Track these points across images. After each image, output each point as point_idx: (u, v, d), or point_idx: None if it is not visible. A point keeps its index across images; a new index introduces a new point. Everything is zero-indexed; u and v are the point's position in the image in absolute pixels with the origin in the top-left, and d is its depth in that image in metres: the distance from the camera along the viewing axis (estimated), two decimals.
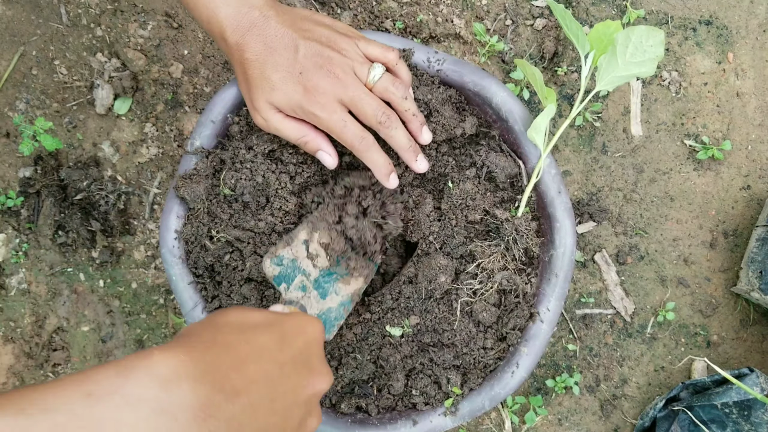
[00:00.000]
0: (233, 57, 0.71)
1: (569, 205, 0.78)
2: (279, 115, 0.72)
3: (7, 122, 1.04)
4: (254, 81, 0.70)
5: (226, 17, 0.68)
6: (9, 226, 1.04)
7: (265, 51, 0.69)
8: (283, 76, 0.69)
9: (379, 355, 0.80)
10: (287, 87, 0.69)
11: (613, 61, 0.73)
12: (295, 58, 0.69)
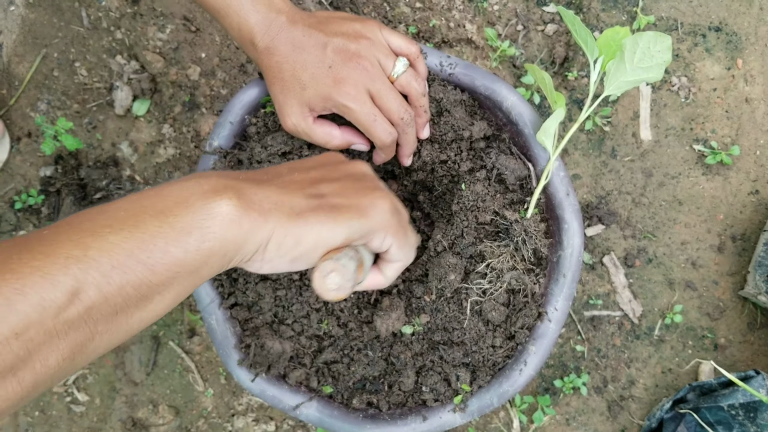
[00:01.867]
0: (263, 62, 0.72)
1: (577, 207, 0.80)
2: (308, 119, 0.74)
3: (29, 122, 1.07)
4: (285, 83, 0.72)
5: (256, 23, 0.71)
6: (30, 223, 1.07)
7: (293, 52, 0.71)
8: (312, 73, 0.71)
9: (390, 352, 0.82)
10: (317, 83, 0.71)
11: (621, 66, 0.75)
12: (324, 53, 0.71)
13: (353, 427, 0.79)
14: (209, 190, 0.47)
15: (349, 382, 0.82)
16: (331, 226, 0.53)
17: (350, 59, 0.71)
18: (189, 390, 1.07)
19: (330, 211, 0.54)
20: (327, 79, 0.71)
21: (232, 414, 1.06)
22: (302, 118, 0.73)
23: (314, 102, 0.72)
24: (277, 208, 0.51)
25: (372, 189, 0.61)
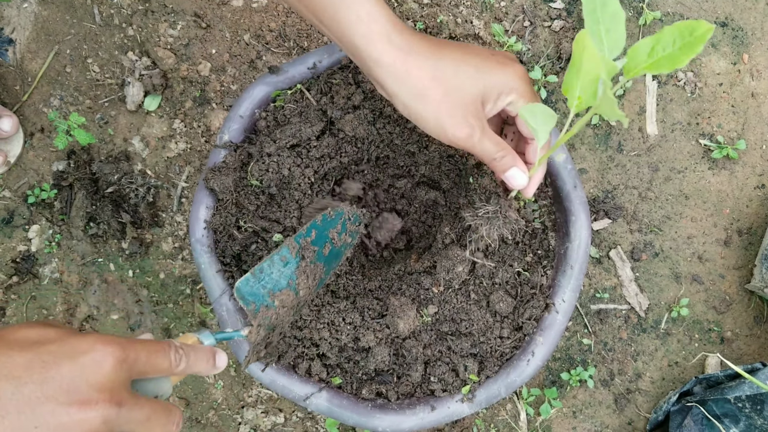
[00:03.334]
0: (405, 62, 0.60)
1: (584, 199, 0.81)
2: (482, 124, 0.63)
3: (42, 118, 1.08)
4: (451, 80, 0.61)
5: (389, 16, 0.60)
6: (43, 217, 1.08)
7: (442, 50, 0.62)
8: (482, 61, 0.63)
9: (402, 345, 0.83)
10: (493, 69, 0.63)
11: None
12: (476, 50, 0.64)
13: (362, 416, 0.80)
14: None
15: (358, 374, 0.83)
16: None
17: (502, 53, 0.65)
18: (199, 382, 1.08)
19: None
20: (498, 64, 0.63)
21: (242, 406, 1.08)
22: (478, 120, 0.62)
23: (489, 92, 0.62)
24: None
25: None
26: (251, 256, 0.82)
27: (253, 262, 0.82)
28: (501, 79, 0.62)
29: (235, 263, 0.84)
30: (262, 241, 0.82)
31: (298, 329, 0.82)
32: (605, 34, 0.56)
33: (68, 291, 1.09)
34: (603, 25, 0.56)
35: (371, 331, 0.82)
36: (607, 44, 0.56)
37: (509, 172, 0.67)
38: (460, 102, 0.61)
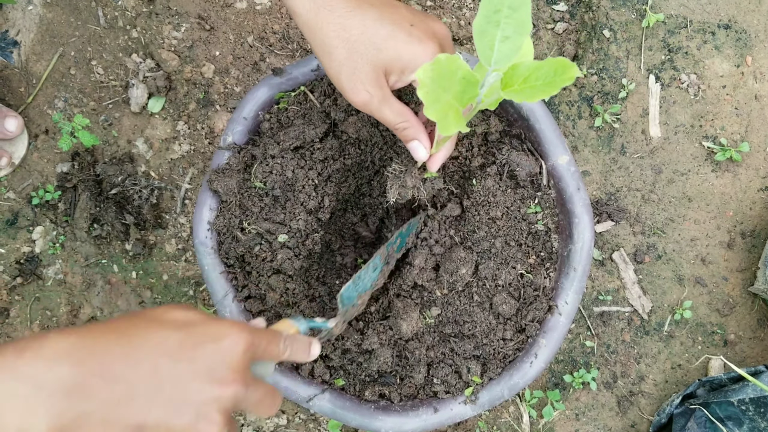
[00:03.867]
0: (317, 16, 0.60)
1: (588, 201, 0.81)
2: (385, 89, 0.62)
3: (47, 119, 1.09)
4: (353, 44, 0.59)
5: None
6: (47, 219, 1.09)
7: (361, 6, 0.60)
8: (390, 31, 0.59)
9: (405, 347, 0.83)
10: (397, 41, 0.60)
11: None
12: (401, 13, 0.61)
13: (365, 418, 0.80)
14: None
15: (361, 375, 0.83)
16: None
17: (433, 20, 0.63)
18: None
19: None
20: (411, 37, 0.59)
21: None
22: (378, 87, 0.61)
23: (391, 65, 0.60)
24: None
25: None
26: (255, 258, 0.82)
27: (256, 264, 0.82)
28: (409, 54, 0.60)
29: (239, 265, 0.84)
30: (266, 243, 0.82)
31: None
32: (501, 41, 0.52)
33: (72, 292, 1.09)
34: (503, 31, 0.51)
35: (375, 332, 0.82)
36: (497, 55, 0.52)
37: (411, 144, 0.67)
38: (361, 67, 0.60)
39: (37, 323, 1.08)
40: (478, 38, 0.52)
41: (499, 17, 0.51)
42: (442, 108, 0.53)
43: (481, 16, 0.52)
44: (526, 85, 0.52)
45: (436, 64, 0.51)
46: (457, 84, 0.53)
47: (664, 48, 1.05)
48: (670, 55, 1.05)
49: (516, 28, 0.51)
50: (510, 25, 0.51)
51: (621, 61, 1.05)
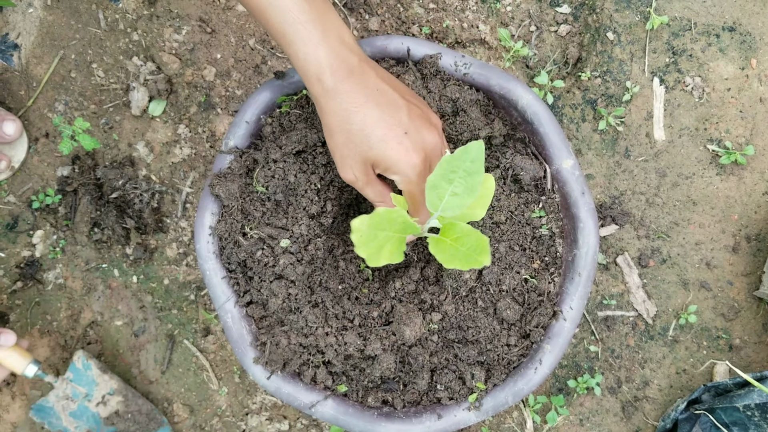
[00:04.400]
0: (327, 104, 0.67)
1: (592, 206, 0.80)
2: (370, 175, 0.71)
3: (47, 123, 1.08)
4: (351, 135, 0.67)
5: (326, 57, 0.65)
6: (47, 222, 1.08)
7: (366, 103, 0.67)
8: (384, 135, 0.67)
9: (408, 352, 0.82)
10: (386, 146, 0.67)
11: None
12: (400, 116, 0.68)
13: (368, 424, 0.80)
14: None
15: (364, 381, 0.82)
16: None
17: (428, 129, 0.69)
18: (203, 388, 1.07)
19: None
20: (399, 146, 0.67)
21: (246, 413, 1.07)
22: (364, 173, 0.70)
23: (378, 163, 0.68)
24: None
25: None
26: (257, 263, 0.82)
27: (258, 269, 0.82)
28: (394, 159, 0.67)
29: (241, 270, 0.83)
30: (267, 248, 0.82)
31: (303, 336, 0.82)
32: (450, 196, 0.62)
33: (72, 297, 1.08)
34: (454, 188, 0.61)
35: (377, 338, 0.81)
36: (443, 205, 0.62)
37: (379, 204, 0.75)
38: (353, 156, 0.69)
39: (37, 328, 1.08)
40: (429, 189, 0.62)
41: (454, 177, 0.61)
42: (378, 244, 0.63)
43: (437, 173, 0.61)
44: (455, 245, 0.63)
45: (374, 216, 0.61)
46: (398, 225, 0.64)
47: (668, 50, 1.04)
48: (674, 57, 1.04)
49: (466, 189, 0.61)
50: (461, 185, 0.61)
51: (625, 63, 1.04)
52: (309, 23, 0.65)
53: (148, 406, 1.04)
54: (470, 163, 0.60)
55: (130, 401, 1.04)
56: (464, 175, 0.60)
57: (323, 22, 0.66)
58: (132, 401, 1.04)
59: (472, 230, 0.62)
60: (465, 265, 0.61)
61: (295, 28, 0.65)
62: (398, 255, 0.65)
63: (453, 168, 0.60)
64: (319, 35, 0.65)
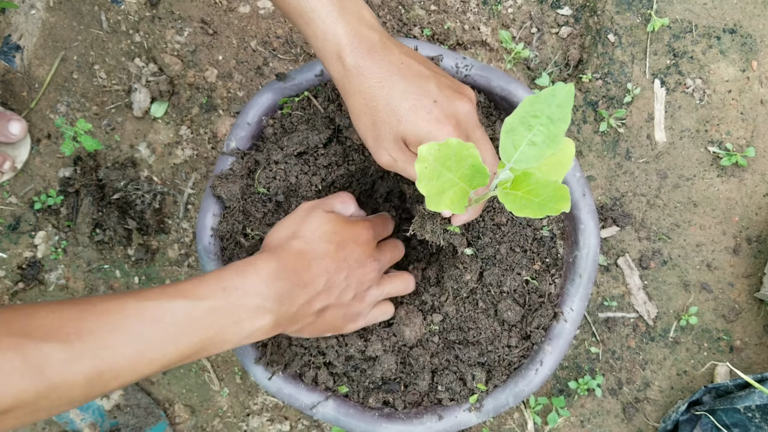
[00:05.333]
0: (351, 84, 0.64)
1: (593, 207, 0.80)
2: (407, 153, 0.66)
3: (49, 124, 1.08)
4: (378, 113, 0.64)
5: (345, 34, 0.62)
6: (49, 223, 1.08)
7: (390, 77, 0.63)
8: (413, 105, 0.63)
9: (409, 353, 0.82)
10: (417, 117, 0.63)
11: None
12: (428, 85, 0.64)
13: (369, 425, 0.80)
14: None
15: (365, 382, 0.83)
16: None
17: (459, 98, 0.64)
18: (204, 389, 1.07)
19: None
20: (430, 115, 0.62)
21: (248, 413, 1.07)
22: (401, 152, 0.65)
23: (409, 137, 0.64)
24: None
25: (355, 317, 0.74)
26: None
27: None
28: (425, 131, 0.63)
29: None
30: None
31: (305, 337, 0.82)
32: (527, 145, 0.52)
33: (74, 297, 1.08)
34: (533, 135, 0.52)
35: (378, 339, 0.81)
36: (519, 155, 0.53)
37: None
38: (384, 135, 0.65)
39: None
40: (505, 134, 0.53)
41: (535, 122, 0.51)
42: (441, 185, 0.55)
43: (516, 114, 0.52)
44: (528, 196, 0.53)
45: (444, 146, 0.52)
46: (466, 168, 0.54)
47: (669, 52, 1.04)
48: (675, 59, 1.04)
49: (547, 138, 0.52)
50: (542, 133, 0.52)
51: (626, 65, 1.04)
52: (327, 1, 0.62)
53: (146, 400, 1.05)
54: (556, 108, 0.51)
55: (129, 395, 1.04)
56: (547, 122, 0.51)
57: (342, 0, 0.63)
58: (132, 395, 1.04)
59: (548, 181, 0.53)
60: (539, 213, 0.52)
61: (312, 6, 0.62)
62: (460, 207, 0.56)
63: (535, 112, 0.51)
64: (336, 13, 0.62)
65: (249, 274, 0.62)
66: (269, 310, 0.62)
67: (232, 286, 0.60)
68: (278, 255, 0.65)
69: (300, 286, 0.64)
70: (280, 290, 0.63)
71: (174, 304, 0.57)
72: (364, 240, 0.70)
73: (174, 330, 0.57)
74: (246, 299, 0.61)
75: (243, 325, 0.61)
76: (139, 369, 0.56)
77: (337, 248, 0.67)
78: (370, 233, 0.72)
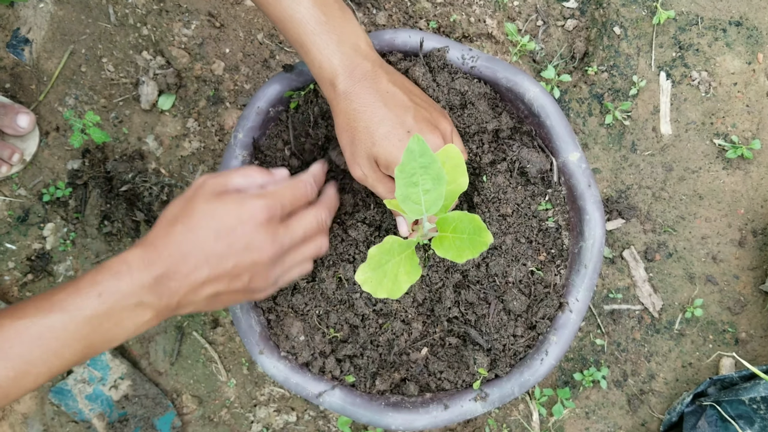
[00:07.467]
0: (339, 106, 0.71)
1: (599, 198, 0.81)
2: (378, 172, 0.72)
3: (57, 117, 1.09)
4: (356, 133, 0.70)
5: (340, 64, 0.69)
6: (57, 215, 1.09)
7: (374, 104, 0.70)
8: (387, 132, 0.69)
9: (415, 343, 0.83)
10: (389, 143, 0.69)
11: None
12: (405, 116, 0.70)
13: (375, 414, 0.80)
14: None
15: (371, 370, 0.83)
16: None
17: (431, 131, 0.71)
18: (212, 380, 1.08)
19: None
20: (401, 143, 0.69)
21: (254, 404, 1.08)
22: (372, 170, 0.72)
23: (380, 160, 0.71)
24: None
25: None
26: None
27: None
28: (393, 156, 0.69)
29: None
30: None
31: (312, 327, 0.82)
32: (424, 194, 0.62)
33: None
34: (423, 186, 0.61)
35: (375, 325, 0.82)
36: (425, 204, 0.62)
37: (397, 218, 0.79)
38: (359, 152, 0.71)
39: None
40: (403, 204, 0.62)
41: (417, 179, 0.61)
42: (390, 274, 0.64)
43: (399, 186, 0.61)
44: (456, 234, 0.63)
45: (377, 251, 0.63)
46: (401, 247, 0.65)
47: (675, 45, 1.04)
48: (681, 52, 1.04)
49: (434, 181, 0.61)
50: (427, 180, 0.61)
51: (632, 58, 1.04)
52: (324, 34, 0.69)
53: (154, 390, 1.06)
54: (421, 158, 0.60)
55: (138, 385, 1.05)
56: (423, 171, 0.61)
57: (339, 32, 0.69)
58: (140, 385, 1.05)
59: (463, 214, 0.62)
60: (474, 252, 0.61)
61: (312, 39, 0.69)
62: (415, 272, 0.64)
63: (410, 172, 0.61)
64: (334, 45, 0.69)
65: (123, 274, 0.61)
66: (149, 305, 0.62)
67: (107, 291, 0.60)
68: (155, 246, 0.63)
69: (178, 279, 0.63)
70: (157, 286, 0.62)
71: (51, 320, 0.58)
72: (258, 221, 0.66)
73: (56, 344, 0.58)
74: (123, 301, 0.61)
75: (125, 324, 0.62)
76: (27, 384, 0.58)
77: (218, 236, 0.64)
78: (265, 213, 0.66)
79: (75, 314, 0.59)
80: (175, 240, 0.63)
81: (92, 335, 0.60)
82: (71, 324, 0.59)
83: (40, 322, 0.58)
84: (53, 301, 0.59)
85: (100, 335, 0.61)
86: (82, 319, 0.59)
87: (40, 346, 0.58)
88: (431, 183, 0.61)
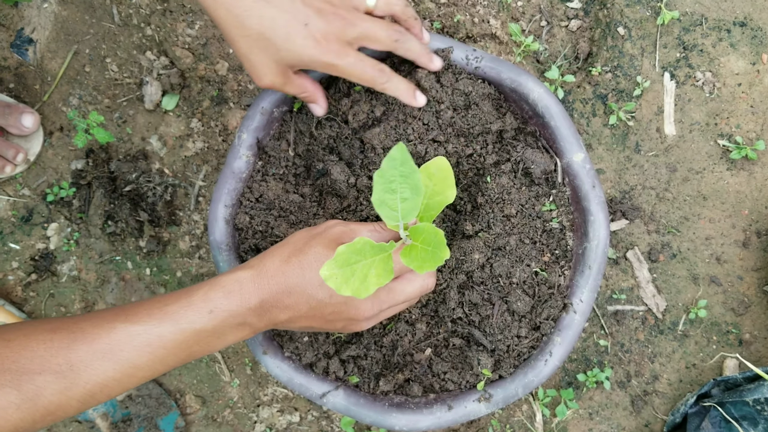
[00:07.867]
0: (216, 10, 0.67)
1: (603, 199, 0.80)
2: (288, 75, 0.71)
3: (61, 117, 1.09)
4: (253, 41, 0.67)
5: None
6: (61, 215, 1.09)
7: (257, 3, 0.65)
8: (287, 33, 0.66)
9: (419, 343, 0.83)
10: (294, 44, 0.67)
11: None
12: (294, 7, 0.66)
13: (379, 415, 0.80)
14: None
15: (375, 370, 0.83)
16: None
17: (325, 11, 0.68)
18: (215, 380, 1.08)
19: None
20: (306, 40, 0.67)
21: (258, 404, 1.08)
22: (281, 76, 0.70)
23: (294, 63, 0.68)
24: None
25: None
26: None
27: None
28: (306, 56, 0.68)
29: None
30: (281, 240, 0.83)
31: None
32: (401, 202, 0.62)
33: (86, 289, 1.09)
34: (401, 194, 0.62)
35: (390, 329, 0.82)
36: (401, 212, 0.63)
37: (310, 106, 0.79)
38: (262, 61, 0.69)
39: None
40: (379, 207, 0.62)
41: (395, 186, 0.61)
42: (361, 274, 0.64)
43: (377, 192, 0.61)
44: (424, 246, 0.63)
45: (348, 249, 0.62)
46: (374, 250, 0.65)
47: (679, 45, 1.04)
48: (685, 52, 1.04)
49: (412, 190, 0.62)
50: (406, 188, 0.61)
51: (635, 58, 1.04)
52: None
53: (158, 390, 1.06)
54: (401, 167, 0.61)
55: (141, 385, 1.05)
56: (402, 179, 0.61)
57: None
58: (143, 385, 1.05)
59: (429, 226, 0.63)
60: (433, 265, 0.61)
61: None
62: (387, 276, 0.63)
63: (389, 179, 0.61)
64: None
65: (234, 294, 0.64)
66: (249, 324, 0.66)
67: (218, 309, 0.63)
68: (267, 273, 0.65)
69: (279, 309, 0.66)
70: (260, 309, 0.65)
71: (162, 329, 0.61)
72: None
73: (163, 352, 0.61)
74: (230, 320, 0.64)
75: (226, 338, 0.65)
76: (129, 385, 0.61)
77: (323, 284, 0.66)
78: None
79: (185, 327, 0.62)
80: (286, 273, 0.65)
81: (195, 346, 0.63)
82: (181, 335, 0.62)
83: (151, 331, 0.60)
84: (166, 311, 0.62)
85: (202, 346, 0.64)
86: (191, 332, 0.62)
87: (149, 353, 0.60)
88: (409, 192, 0.62)
